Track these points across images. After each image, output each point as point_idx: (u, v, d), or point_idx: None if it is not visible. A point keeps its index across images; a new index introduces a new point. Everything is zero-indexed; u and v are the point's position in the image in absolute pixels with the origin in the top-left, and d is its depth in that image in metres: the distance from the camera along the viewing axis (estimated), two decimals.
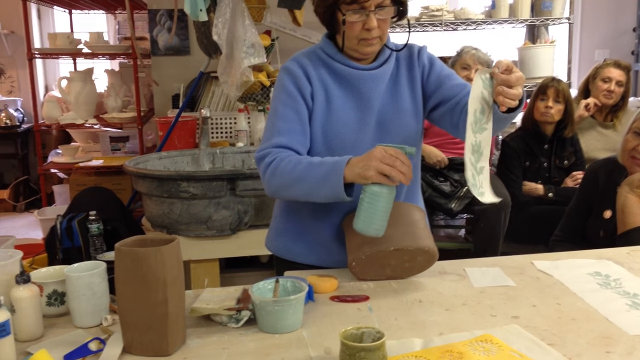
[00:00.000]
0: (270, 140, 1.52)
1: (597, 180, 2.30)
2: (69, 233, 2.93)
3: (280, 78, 1.57)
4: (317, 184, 1.41)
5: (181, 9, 3.14)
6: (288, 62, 1.59)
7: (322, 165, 1.42)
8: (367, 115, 1.55)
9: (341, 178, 1.37)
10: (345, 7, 1.45)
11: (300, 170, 1.43)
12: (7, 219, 5.44)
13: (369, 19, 1.45)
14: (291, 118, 1.52)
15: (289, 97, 1.53)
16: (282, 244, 1.68)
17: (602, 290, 1.46)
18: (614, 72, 3.45)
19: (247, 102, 3.42)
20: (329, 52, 1.56)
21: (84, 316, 1.31)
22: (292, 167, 1.45)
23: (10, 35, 5.92)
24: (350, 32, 1.48)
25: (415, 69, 1.61)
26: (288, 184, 1.46)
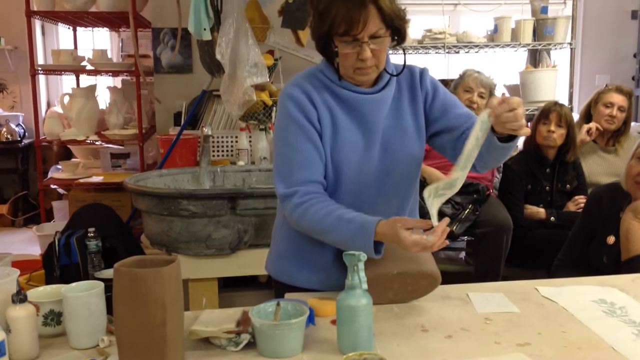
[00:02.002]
0: (292, 177, 1.50)
1: (600, 206, 2.29)
2: (67, 250, 2.90)
3: (284, 106, 1.53)
4: (344, 241, 1.42)
5: (185, 28, 3.15)
6: (289, 87, 1.55)
7: (349, 224, 1.42)
8: (372, 138, 1.54)
9: (371, 244, 1.38)
10: (338, 38, 1.43)
11: (330, 224, 1.44)
12: (6, 234, 5.41)
13: (363, 49, 1.43)
14: (306, 148, 1.50)
15: (298, 127, 1.51)
16: (282, 268, 1.66)
17: (608, 319, 1.44)
18: (616, 97, 3.45)
19: (249, 121, 3.41)
20: (329, 76, 1.54)
21: (80, 337, 1.28)
22: (321, 217, 1.45)
23: (14, 51, 5.93)
24: (345, 62, 1.47)
25: (418, 91, 1.60)
26: (317, 231, 1.48)
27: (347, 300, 1.25)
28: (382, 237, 1.37)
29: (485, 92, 3.35)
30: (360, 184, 1.54)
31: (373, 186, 1.54)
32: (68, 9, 4.23)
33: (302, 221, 1.48)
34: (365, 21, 1.40)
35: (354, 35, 1.41)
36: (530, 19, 4.14)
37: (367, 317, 1.25)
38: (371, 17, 1.40)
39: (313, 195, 1.48)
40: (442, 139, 1.60)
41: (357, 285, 1.26)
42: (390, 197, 1.57)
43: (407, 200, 1.64)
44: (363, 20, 1.40)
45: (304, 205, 1.47)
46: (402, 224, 1.34)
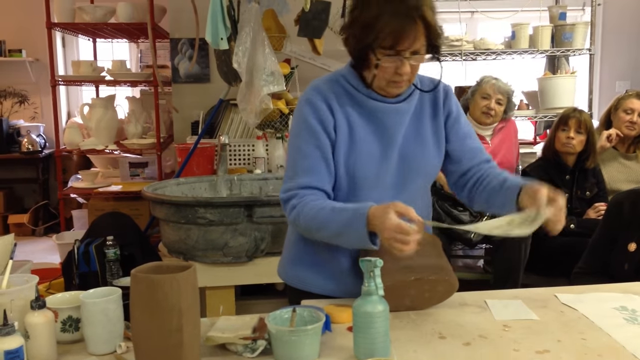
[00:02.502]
0: (294, 180, 1.50)
1: (621, 213, 2.25)
2: (86, 258, 2.93)
3: (301, 110, 1.53)
4: (339, 232, 1.41)
5: (202, 38, 3.18)
6: (309, 91, 1.54)
7: (343, 212, 1.41)
8: (390, 148, 1.53)
9: (364, 228, 1.35)
10: (381, 51, 1.41)
11: (324, 217, 1.43)
12: (26, 243, 5.48)
13: (403, 64, 1.42)
14: (314, 156, 1.50)
15: (310, 134, 1.50)
16: (296, 274, 1.65)
17: (629, 326, 1.41)
18: (636, 103, 3.41)
19: (266, 130, 3.43)
20: (352, 83, 1.53)
21: (98, 343, 1.29)
22: (315, 212, 1.44)
23: (34, 63, 6.04)
24: (382, 74, 1.45)
25: (440, 107, 1.60)
26: (314, 228, 1.46)
27: (363, 306, 1.25)
28: (373, 218, 1.34)
29: (503, 99, 3.33)
30: (376, 194, 1.52)
31: (388, 196, 1.52)
32: (88, 21, 4.29)
33: (299, 221, 1.47)
34: (413, 37, 1.39)
35: (398, 50, 1.40)
36: (548, 25, 4.11)
37: (384, 323, 1.24)
38: (418, 33, 1.39)
39: (310, 198, 1.47)
40: (449, 165, 1.63)
41: (374, 292, 1.25)
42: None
43: (423, 211, 1.63)
44: (412, 37, 1.39)
45: (300, 205, 1.46)
46: (396, 207, 1.32)
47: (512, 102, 3.42)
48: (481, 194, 1.58)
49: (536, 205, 1.38)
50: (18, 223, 5.77)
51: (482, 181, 1.59)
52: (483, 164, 1.62)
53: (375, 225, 1.34)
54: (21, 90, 6.15)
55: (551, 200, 1.38)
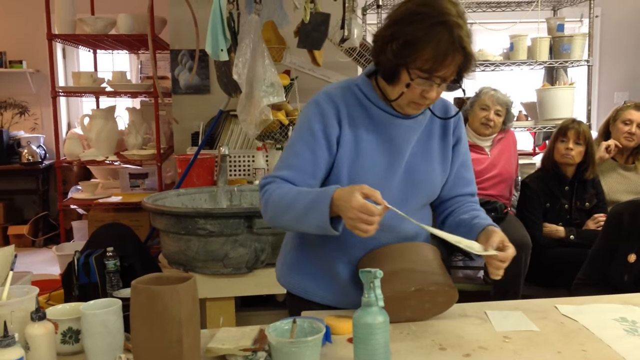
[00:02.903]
0: (278, 171, 1.51)
1: (620, 223, 2.26)
2: (86, 269, 2.93)
3: (308, 111, 1.52)
4: (303, 212, 1.39)
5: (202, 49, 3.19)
6: (321, 95, 1.53)
7: (310, 193, 1.41)
8: (396, 163, 1.53)
9: (327, 207, 1.34)
10: (416, 72, 1.39)
11: (290, 198, 1.42)
12: (26, 254, 5.47)
13: (431, 89, 1.42)
14: (305, 158, 1.49)
15: (310, 136, 1.50)
16: (296, 281, 1.65)
17: (629, 337, 1.41)
18: (635, 114, 3.42)
19: (266, 141, 3.43)
20: (366, 93, 1.53)
21: (98, 355, 1.29)
22: (283, 194, 1.44)
23: (35, 74, 6.06)
24: (409, 94, 1.44)
25: (450, 130, 1.62)
26: (279, 212, 1.45)
27: (363, 317, 1.25)
28: (338, 199, 1.33)
29: (502, 110, 3.34)
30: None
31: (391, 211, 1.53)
32: (88, 32, 4.32)
33: (267, 205, 1.47)
34: (451, 66, 1.39)
35: (433, 75, 1.40)
36: (546, 36, 4.13)
37: (384, 334, 1.24)
38: (456, 63, 1.39)
39: (284, 184, 1.47)
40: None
41: (374, 303, 1.25)
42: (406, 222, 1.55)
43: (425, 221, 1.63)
44: (451, 66, 1.39)
45: (270, 190, 1.47)
46: (362, 189, 1.32)
47: (511, 113, 3.43)
48: (453, 220, 1.63)
49: (482, 243, 1.45)
50: (18, 234, 5.76)
51: (459, 210, 1.64)
52: (468, 196, 1.67)
53: (339, 207, 1.33)
54: (21, 102, 6.17)
55: (500, 248, 1.44)
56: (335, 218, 1.36)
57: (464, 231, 1.55)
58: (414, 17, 1.38)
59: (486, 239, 1.46)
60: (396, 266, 1.45)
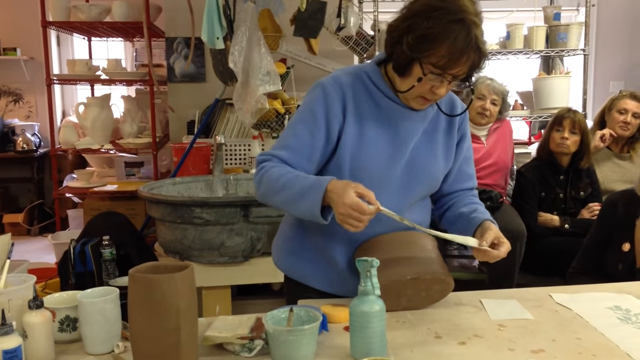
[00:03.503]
0: (276, 150, 1.51)
1: (615, 213, 2.27)
2: (82, 258, 2.93)
3: (314, 94, 1.51)
4: (296, 196, 1.40)
5: (198, 37, 3.18)
6: (330, 80, 1.52)
7: (305, 179, 1.41)
8: (399, 153, 1.52)
9: (320, 197, 1.36)
10: (429, 67, 1.39)
11: (285, 180, 1.43)
12: (21, 242, 5.47)
13: (442, 86, 1.42)
14: (304, 140, 1.49)
15: (312, 119, 1.49)
16: (294, 265, 1.65)
17: (623, 325, 1.43)
18: (630, 103, 3.43)
19: (262, 129, 3.43)
20: (375, 82, 1.52)
21: (96, 343, 1.30)
22: (278, 175, 1.44)
23: (29, 62, 6.02)
24: (418, 88, 1.44)
25: (456, 125, 1.62)
26: (272, 191, 1.45)
27: (360, 306, 1.25)
28: (331, 192, 1.34)
29: (498, 99, 3.33)
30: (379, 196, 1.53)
31: (392, 200, 1.52)
32: (83, 20, 4.29)
33: (262, 181, 1.47)
34: (464, 65, 1.39)
35: (446, 72, 1.39)
36: (542, 25, 4.13)
37: (380, 323, 1.25)
38: (469, 62, 1.39)
39: (281, 165, 1.48)
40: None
41: (370, 291, 1.26)
42: (406, 212, 1.56)
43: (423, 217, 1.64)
44: (464, 65, 1.38)
45: (269, 166, 1.47)
46: (357, 188, 1.33)
47: (507, 103, 3.43)
48: (452, 213, 1.64)
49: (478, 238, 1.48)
50: (13, 222, 5.75)
51: (458, 203, 1.65)
52: (467, 191, 1.67)
53: (331, 199, 1.35)
54: (16, 89, 6.14)
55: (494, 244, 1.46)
56: (326, 207, 1.38)
57: (462, 224, 1.57)
58: (432, 12, 1.37)
59: (481, 234, 1.48)
60: (393, 255, 1.46)
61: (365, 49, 3.84)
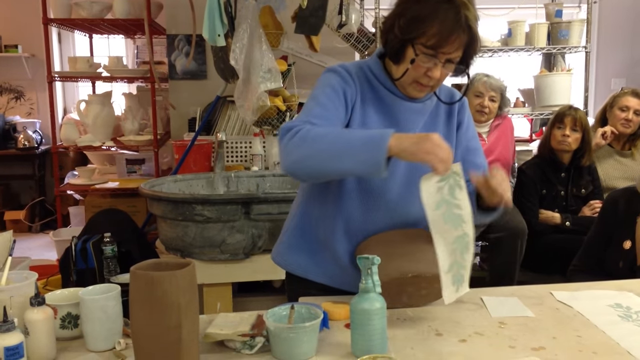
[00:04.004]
0: (302, 118, 1.45)
1: (616, 210, 2.27)
2: (84, 254, 2.93)
3: (329, 75, 1.52)
4: (355, 145, 1.31)
5: (199, 34, 3.18)
6: (337, 66, 1.53)
7: (363, 131, 1.37)
8: None
9: (386, 143, 1.28)
10: (421, 48, 1.40)
11: (338, 134, 1.36)
12: (23, 239, 5.47)
13: (435, 68, 1.43)
14: (329, 107, 1.46)
15: (332, 91, 1.48)
16: (292, 259, 1.64)
17: (623, 323, 1.43)
18: (632, 100, 3.42)
19: (263, 127, 3.43)
20: (377, 74, 1.53)
21: (97, 340, 1.30)
22: (327, 131, 1.37)
23: (30, 59, 6.02)
24: (413, 72, 1.45)
25: (454, 115, 1.62)
26: (318, 148, 1.34)
27: (360, 303, 1.26)
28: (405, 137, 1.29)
29: (496, 96, 3.32)
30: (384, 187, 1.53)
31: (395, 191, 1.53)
32: (84, 17, 4.29)
33: (302, 145, 1.35)
34: (456, 45, 1.40)
35: (438, 52, 1.40)
36: (544, 22, 4.12)
37: (381, 320, 1.26)
38: (461, 43, 1.40)
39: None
40: None
41: (371, 289, 1.26)
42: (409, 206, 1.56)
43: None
44: (456, 44, 1.40)
45: (304, 130, 1.37)
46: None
47: (506, 98, 3.42)
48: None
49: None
50: (14, 219, 5.76)
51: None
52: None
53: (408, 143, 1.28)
54: (17, 86, 6.14)
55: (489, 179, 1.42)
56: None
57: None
58: None
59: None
60: (394, 252, 1.46)
61: (366, 46, 3.84)
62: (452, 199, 1.36)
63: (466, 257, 1.38)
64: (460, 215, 1.36)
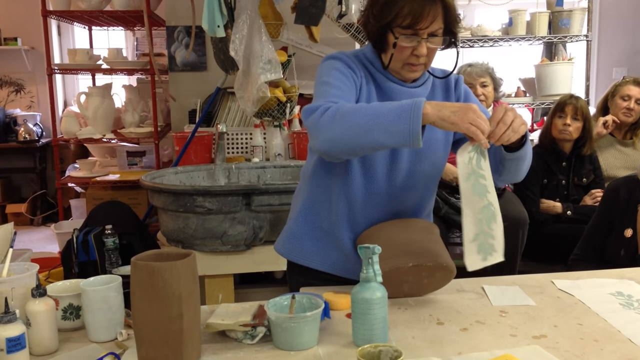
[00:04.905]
0: (321, 99, 1.43)
1: (617, 199, 2.27)
2: (85, 247, 2.94)
3: (330, 63, 1.51)
4: (389, 117, 1.29)
5: (199, 26, 3.16)
6: (337, 54, 1.54)
7: (395, 102, 1.33)
8: None
9: (420, 111, 1.27)
10: (399, 30, 1.43)
11: (369, 107, 1.33)
12: (24, 232, 5.48)
13: (420, 45, 1.43)
14: (345, 89, 1.46)
15: (342, 75, 1.48)
16: (294, 247, 1.64)
17: (625, 311, 1.43)
18: (634, 89, 3.41)
19: (263, 118, 3.42)
20: (373, 62, 1.55)
21: (99, 330, 1.30)
22: (357, 106, 1.35)
23: (30, 51, 6.01)
24: (399, 55, 1.46)
25: (451, 95, 1.61)
26: (352, 125, 1.32)
27: (362, 293, 1.26)
28: (444, 105, 1.28)
29: (486, 80, 3.29)
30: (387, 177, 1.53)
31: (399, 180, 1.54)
32: (83, 9, 4.27)
33: (335, 122, 1.33)
34: (432, 18, 1.41)
35: (416, 30, 1.41)
36: (545, 11, 4.11)
37: (382, 309, 1.26)
38: (437, 14, 1.41)
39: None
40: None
41: (372, 278, 1.26)
42: (412, 193, 1.56)
43: (428, 199, 1.64)
44: (431, 17, 1.41)
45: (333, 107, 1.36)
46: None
47: (497, 78, 3.39)
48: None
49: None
50: (16, 212, 5.77)
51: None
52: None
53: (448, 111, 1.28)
54: (17, 79, 6.13)
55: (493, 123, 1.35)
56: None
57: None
58: None
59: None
60: (395, 241, 1.46)
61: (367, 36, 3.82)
62: (478, 169, 1.37)
63: (494, 227, 1.37)
64: (485, 186, 1.37)
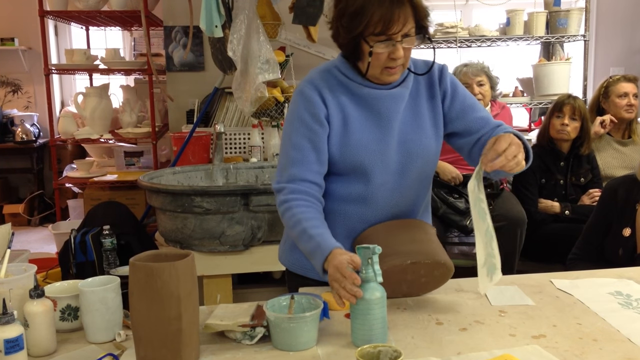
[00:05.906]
0: (285, 171, 1.52)
1: (615, 198, 2.27)
2: (83, 247, 2.93)
3: (295, 102, 1.55)
4: (305, 249, 1.44)
5: (196, 26, 3.16)
6: (304, 84, 1.55)
7: (311, 241, 1.41)
8: (388, 135, 1.52)
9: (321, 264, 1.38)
10: (372, 38, 1.42)
11: (297, 233, 1.45)
12: (22, 233, 5.47)
13: (396, 49, 1.43)
14: (304, 147, 1.50)
15: (302, 125, 1.51)
16: (296, 259, 1.65)
17: (623, 311, 1.43)
18: (627, 86, 3.42)
19: (261, 118, 3.42)
20: (345, 73, 1.54)
21: (97, 331, 1.30)
22: (293, 224, 1.46)
23: (27, 51, 6.00)
24: (376, 62, 1.45)
25: (436, 88, 1.59)
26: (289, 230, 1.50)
27: None
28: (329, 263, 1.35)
29: (482, 79, 3.30)
30: (380, 179, 1.53)
31: (392, 180, 1.54)
32: (81, 9, 4.26)
33: (282, 219, 1.52)
34: (403, 20, 1.40)
35: (389, 35, 1.41)
36: (543, 11, 4.11)
37: (381, 309, 1.26)
38: (407, 15, 1.41)
39: (297, 196, 1.48)
40: (459, 140, 1.61)
41: (371, 278, 1.26)
42: (406, 192, 1.56)
43: (423, 197, 1.64)
44: (402, 19, 1.40)
45: (286, 204, 1.49)
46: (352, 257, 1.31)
47: (493, 77, 3.39)
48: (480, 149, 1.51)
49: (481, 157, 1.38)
50: (13, 213, 5.75)
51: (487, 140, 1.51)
52: (493, 129, 1.55)
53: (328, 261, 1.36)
54: (14, 80, 6.11)
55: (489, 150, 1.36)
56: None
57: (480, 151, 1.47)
58: None
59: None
60: (392, 241, 1.46)
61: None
62: (479, 193, 1.38)
63: (493, 246, 1.39)
64: (484, 209, 1.39)
